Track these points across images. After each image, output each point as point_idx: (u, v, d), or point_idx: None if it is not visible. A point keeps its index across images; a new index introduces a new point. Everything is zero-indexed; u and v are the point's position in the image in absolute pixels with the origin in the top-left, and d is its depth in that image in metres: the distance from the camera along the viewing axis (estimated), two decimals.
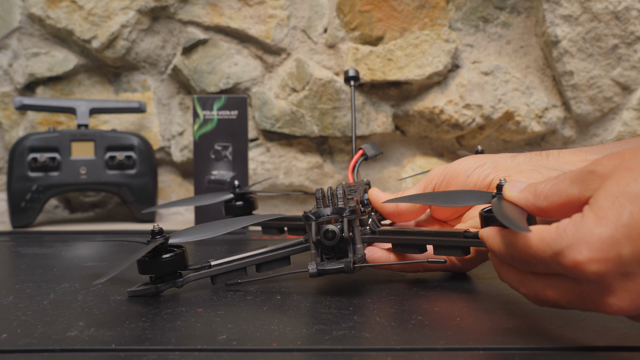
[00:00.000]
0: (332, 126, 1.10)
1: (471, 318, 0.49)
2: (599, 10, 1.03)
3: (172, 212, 1.12)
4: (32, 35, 1.10)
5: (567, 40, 1.05)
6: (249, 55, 1.11)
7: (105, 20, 1.07)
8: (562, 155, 0.60)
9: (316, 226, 0.53)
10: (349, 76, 0.75)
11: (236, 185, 0.80)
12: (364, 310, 0.50)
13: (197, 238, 0.58)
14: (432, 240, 0.54)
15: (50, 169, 0.97)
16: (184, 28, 1.10)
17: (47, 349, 0.42)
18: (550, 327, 0.47)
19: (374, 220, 0.59)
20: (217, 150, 0.98)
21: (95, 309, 0.51)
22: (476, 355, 0.41)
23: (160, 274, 0.54)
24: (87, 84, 1.12)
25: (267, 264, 0.58)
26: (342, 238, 0.52)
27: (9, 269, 0.71)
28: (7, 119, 1.12)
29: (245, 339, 0.43)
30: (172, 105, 1.14)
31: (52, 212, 1.12)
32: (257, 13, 1.10)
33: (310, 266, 0.53)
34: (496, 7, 1.10)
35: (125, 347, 0.42)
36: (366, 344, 0.43)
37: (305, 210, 0.54)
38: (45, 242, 0.85)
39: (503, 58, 1.11)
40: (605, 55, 1.05)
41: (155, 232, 0.54)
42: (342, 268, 0.52)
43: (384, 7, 1.08)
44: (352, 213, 0.53)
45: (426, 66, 1.08)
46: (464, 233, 0.52)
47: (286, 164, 1.12)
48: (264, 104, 1.10)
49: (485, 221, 0.48)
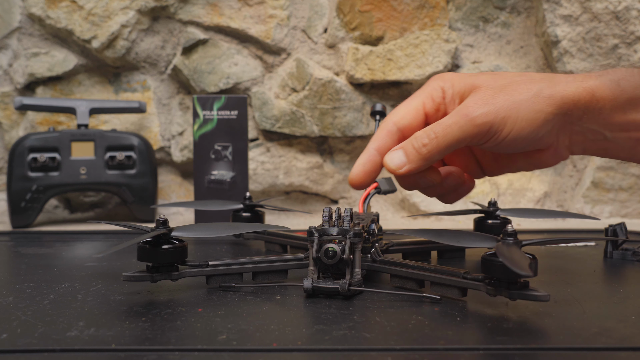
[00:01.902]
0: (332, 126, 1.10)
1: (471, 318, 0.49)
2: (599, 10, 1.03)
3: (172, 211, 1.12)
4: (32, 35, 1.10)
5: (567, 40, 1.05)
6: (249, 55, 1.11)
7: (105, 20, 1.07)
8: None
9: (318, 243, 0.54)
10: (375, 111, 0.76)
11: (247, 196, 0.81)
12: (364, 310, 0.50)
13: (199, 235, 0.58)
14: (430, 277, 0.54)
15: (50, 169, 0.97)
16: (184, 28, 1.10)
17: (47, 349, 0.42)
18: (550, 327, 0.47)
19: (377, 250, 0.59)
20: (217, 150, 0.98)
21: (95, 309, 0.51)
22: (476, 355, 0.41)
23: (157, 263, 0.54)
24: (87, 84, 1.12)
25: (264, 273, 0.59)
26: (342, 259, 0.53)
27: (9, 269, 0.71)
28: (7, 119, 1.12)
29: (245, 339, 0.43)
30: (172, 105, 1.14)
31: (52, 212, 1.12)
32: (257, 13, 1.10)
33: (305, 281, 0.53)
34: (496, 7, 1.10)
35: (125, 347, 0.42)
36: (366, 344, 0.43)
37: (310, 226, 0.55)
38: (45, 242, 0.85)
39: (503, 58, 1.11)
40: (605, 55, 1.05)
41: (160, 222, 0.54)
42: (337, 289, 0.53)
43: (384, 7, 1.08)
44: (356, 236, 0.54)
45: (426, 66, 1.08)
46: (463, 274, 0.52)
47: (286, 164, 1.12)
48: (264, 104, 1.10)
49: (486, 264, 0.49)
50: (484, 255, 0.50)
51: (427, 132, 0.53)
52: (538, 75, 0.54)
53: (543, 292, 0.47)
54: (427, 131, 0.53)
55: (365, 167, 0.55)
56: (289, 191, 1.16)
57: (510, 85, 0.52)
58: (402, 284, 0.57)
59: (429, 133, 0.53)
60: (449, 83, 0.56)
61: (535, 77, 0.53)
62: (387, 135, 0.55)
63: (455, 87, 0.55)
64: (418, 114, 0.56)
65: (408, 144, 0.54)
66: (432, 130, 0.53)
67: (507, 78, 0.53)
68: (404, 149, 0.54)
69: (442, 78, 0.56)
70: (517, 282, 0.48)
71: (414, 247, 0.68)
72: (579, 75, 0.53)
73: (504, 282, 0.48)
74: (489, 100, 0.52)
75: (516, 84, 0.52)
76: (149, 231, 0.55)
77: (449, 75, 0.57)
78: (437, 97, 0.56)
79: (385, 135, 0.55)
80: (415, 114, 0.56)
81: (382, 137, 0.55)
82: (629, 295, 0.58)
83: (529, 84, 0.52)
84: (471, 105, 0.52)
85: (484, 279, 0.50)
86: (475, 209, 0.77)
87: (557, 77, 0.53)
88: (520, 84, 0.52)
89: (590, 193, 1.09)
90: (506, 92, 0.52)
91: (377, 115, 0.77)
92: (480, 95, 0.52)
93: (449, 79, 0.56)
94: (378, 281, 0.61)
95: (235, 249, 0.78)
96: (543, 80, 0.53)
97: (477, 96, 0.53)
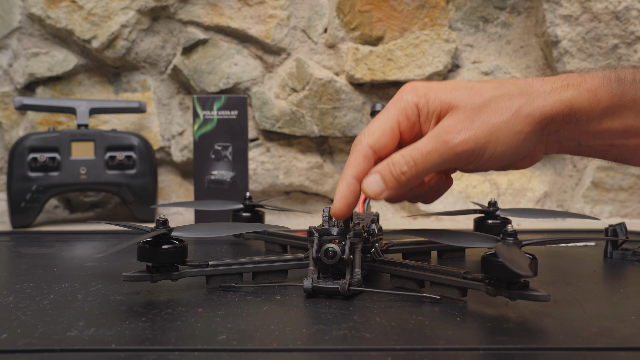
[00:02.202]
0: (332, 126, 1.10)
1: (471, 318, 0.49)
2: (599, 10, 1.03)
3: (172, 211, 1.12)
4: (32, 35, 1.10)
5: (567, 40, 1.05)
6: (249, 55, 1.11)
7: (105, 20, 1.07)
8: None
9: (318, 243, 0.54)
10: (375, 111, 0.76)
11: (247, 196, 0.81)
12: (364, 310, 0.50)
13: (199, 235, 0.58)
14: (430, 277, 0.55)
15: (50, 169, 0.97)
16: (184, 28, 1.10)
17: (47, 349, 0.42)
18: (550, 327, 0.47)
19: (377, 250, 0.60)
20: (217, 150, 0.98)
21: (95, 309, 0.51)
22: (476, 355, 0.41)
23: (157, 263, 0.54)
24: (87, 84, 1.12)
25: (264, 273, 0.59)
26: (342, 259, 0.53)
27: (9, 269, 0.71)
28: (7, 119, 1.12)
29: (245, 339, 0.43)
30: (172, 105, 1.14)
31: (52, 212, 1.12)
32: (257, 13, 1.10)
33: (305, 281, 0.54)
34: (496, 7, 1.10)
35: (125, 347, 0.42)
36: (366, 344, 0.43)
37: (311, 226, 0.55)
38: (45, 242, 0.85)
39: (503, 58, 1.11)
40: (605, 55, 1.05)
41: (160, 222, 0.54)
42: (337, 289, 0.53)
43: (384, 7, 1.08)
44: (356, 236, 0.54)
45: (426, 66, 1.08)
46: (463, 274, 0.52)
47: (286, 164, 1.12)
48: (264, 104, 1.10)
49: (486, 264, 0.49)
50: (484, 255, 0.50)
51: (405, 158, 0.51)
52: (515, 86, 0.52)
53: (543, 292, 0.47)
54: (406, 157, 0.51)
55: (348, 199, 0.53)
56: (289, 191, 1.16)
57: (488, 104, 0.51)
58: (402, 284, 0.57)
59: (407, 160, 0.51)
60: (423, 99, 0.53)
61: (513, 91, 0.52)
62: (363, 160, 0.53)
63: (431, 104, 0.53)
64: (394, 134, 0.54)
65: (385, 169, 0.52)
66: (410, 156, 0.51)
67: (483, 93, 0.52)
68: (381, 175, 0.52)
69: (416, 92, 0.54)
70: (517, 282, 0.48)
71: (414, 247, 0.69)
72: (557, 81, 0.52)
73: (504, 282, 0.49)
74: (468, 125, 0.51)
75: (494, 102, 0.51)
76: (149, 231, 0.55)
77: (422, 88, 0.54)
78: (412, 115, 0.54)
79: (362, 161, 0.53)
80: (391, 135, 0.54)
81: (359, 163, 0.53)
82: (629, 295, 0.58)
83: (507, 101, 0.51)
84: (450, 131, 0.51)
85: (484, 279, 0.51)
86: (475, 209, 0.77)
87: (535, 87, 0.52)
88: (498, 102, 0.51)
89: (590, 193, 1.09)
90: (485, 113, 0.51)
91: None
92: (458, 117, 0.51)
93: (423, 94, 0.54)
94: (378, 281, 0.61)
95: (235, 249, 0.78)
96: (521, 94, 0.52)
97: (455, 118, 0.51)
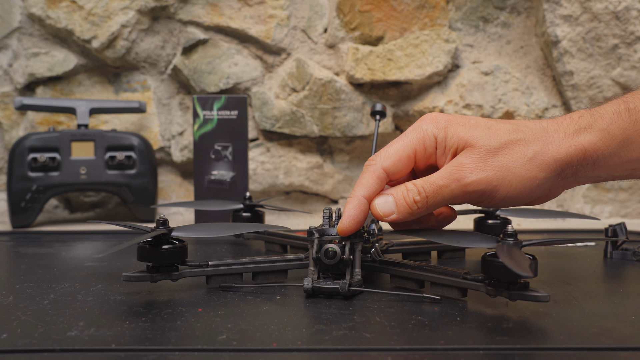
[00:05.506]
0: (332, 126, 1.10)
1: (471, 318, 0.49)
2: (599, 10, 1.03)
3: (172, 211, 1.12)
4: (32, 35, 1.10)
5: (567, 40, 1.05)
6: (249, 55, 1.11)
7: (105, 20, 1.07)
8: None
9: (318, 243, 0.54)
10: (375, 111, 0.75)
11: (247, 196, 0.81)
12: (364, 311, 0.50)
13: (199, 235, 0.59)
14: (430, 277, 0.55)
15: (50, 169, 0.97)
16: (184, 28, 1.10)
17: (47, 349, 0.42)
18: (550, 327, 0.47)
19: (377, 250, 0.60)
20: (217, 150, 0.98)
21: (95, 309, 0.51)
22: (476, 355, 0.41)
23: (157, 263, 0.54)
24: (87, 84, 1.12)
25: (264, 274, 0.59)
26: (342, 259, 0.54)
27: (9, 269, 0.71)
28: (7, 119, 1.12)
29: (245, 339, 0.43)
30: (172, 105, 1.14)
31: (52, 212, 1.12)
32: (257, 13, 1.10)
33: (306, 281, 0.54)
34: (496, 7, 1.10)
35: (125, 347, 0.42)
36: (366, 344, 0.43)
37: (310, 227, 0.55)
38: (45, 242, 0.85)
39: (503, 58, 1.11)
40: (605, 55, 1.05)
41: (160, 222, 0.55)
42: (337, 289, 0.53)
43: (384, 7, 1.08)
44: (356, 237, 0.54)
45: (426, 66, 1.08)
46: (463, 274, 0.52)
47: (286, 164, 1.12)
48: (264, 104, 1.10)
49: (486, 264, 0.49)
50: (484, 255, 0.50)
51: (418, 188, 0.53)
52: (531, 131, 0.53)
53: (543, 292, 0.47)
54: (419, 187, 0.53)
55: (358, 217, 0.53)
56: (289, 191, 1.16)
57: (504, 147, 0.52)
58: (402, 284, 0.57)
59: (420, 190, 0.52)
60: (442, 133, 0.54)
61: (529, 137, 0.53)
62: (376, 181, 0.54)
63: (449, 139, 0.54)
64: (409, 161, 0.55)
65: (399, 195, 0.53)
66: (423, 188, 0.52)
67: (500, 136, 0.53)
68: (394, 198, 0.53)
69: (437, 124, 0.55)
70: (517, 282, 0.48)
71: (414, 247, 0.69)
72: (570, 125, 0.53)
73: (504, 283, 0.49)
74: (482, 166, 0.52)
75: (510, 146, 0.52)
76: (149, 231, 0.55)
77: (443, 121, 0.55)
78: (430, 146, 0.55)
79: (375, 182, 0.54)
80: (407, 162, 0.55)
81: (372, 184, 0.54)
82: (629, 295, 0.58)
83: (523, 147, 0.52)
84: (464, 169, 0.52)
85: (484, 279, 0.51)
86: (475, 209, 0.77)
87: (549, 131, 0.53)
88: (514, 146, 0.52)
89: (590, 193, 1.09)
90: (500, 156, 0.52)
91: (377, 115, 0.76)
92: (473, 157, 0.52)
93: (443, 128, 0.54)
94: (378, 281, 0.61)
95: (235, 249, 0.78)
96: (536, 140, 0.52)
97: (470, 157, 0.52)
